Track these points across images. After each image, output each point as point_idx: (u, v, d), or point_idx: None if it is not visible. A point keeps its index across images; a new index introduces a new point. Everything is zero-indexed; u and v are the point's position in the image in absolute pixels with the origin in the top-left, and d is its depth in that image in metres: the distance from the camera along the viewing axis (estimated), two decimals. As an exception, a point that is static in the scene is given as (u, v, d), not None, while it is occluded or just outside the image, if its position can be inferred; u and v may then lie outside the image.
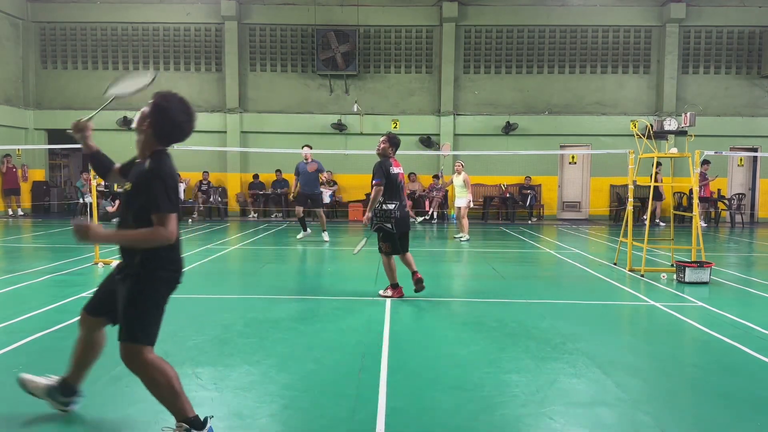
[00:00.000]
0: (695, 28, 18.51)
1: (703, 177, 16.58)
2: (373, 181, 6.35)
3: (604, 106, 18.74)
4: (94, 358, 3.38)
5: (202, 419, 3.02)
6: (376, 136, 18.43)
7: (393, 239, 6.39)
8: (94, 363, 3.41)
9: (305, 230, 12.52)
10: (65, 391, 3.36)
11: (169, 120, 2.99)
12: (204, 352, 4.55)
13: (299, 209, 12.33)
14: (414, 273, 6.51)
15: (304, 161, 12.13)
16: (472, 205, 13.26)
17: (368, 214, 6.41)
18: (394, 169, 6.38)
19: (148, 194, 2.84)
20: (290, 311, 5.97)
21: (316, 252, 11.34)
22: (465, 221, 12.67)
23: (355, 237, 13.57)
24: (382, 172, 6.30)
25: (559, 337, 5.07)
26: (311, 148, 12.50)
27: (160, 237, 2.82)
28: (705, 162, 16.25)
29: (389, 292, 6.52)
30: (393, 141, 6.60)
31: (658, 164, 10.43)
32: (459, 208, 12.94)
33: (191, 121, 3.07)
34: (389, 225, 6.30)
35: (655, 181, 8.81)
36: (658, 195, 16.16)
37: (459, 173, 12.84)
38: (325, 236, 12.28)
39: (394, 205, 6.29)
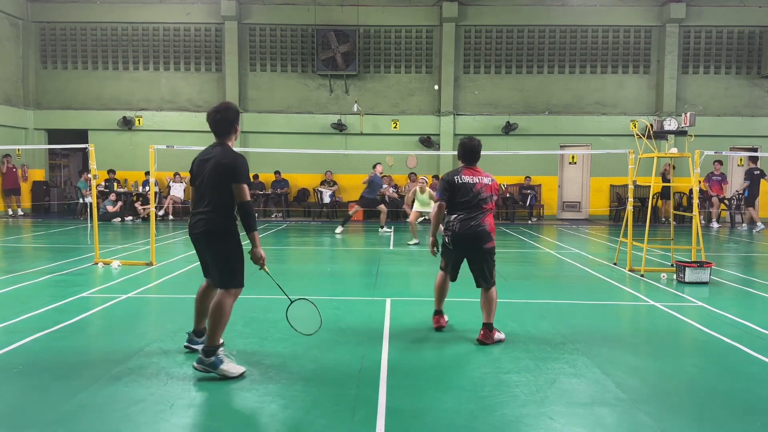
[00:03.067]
0: (695, 28, 18.51)
1: (723, 177, 16.75)
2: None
3: (604, 106, 18.74)
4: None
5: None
6: (376, 136, 18.71)
7: (447, 256, 5.27)
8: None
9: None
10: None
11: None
12: (204, 352, 4.54)
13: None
14: (483, 326, 4.93)
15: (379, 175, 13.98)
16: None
17: (430, 239, 5.38)
18: (464, 178, 5.21)
19: None
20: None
21: (316, 252, 11.34)
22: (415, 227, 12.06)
23: (357, 237, 13.57)
24: (443, 186, 5.27)
25: (559, 337, 5.07)
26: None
27: None
28: (717, 162, 16.38)
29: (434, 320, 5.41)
30: (460, 149, 5.47)
31: (670, 165, 10.49)
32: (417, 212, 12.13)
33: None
34: (446, 238, 5.20)
35: (666, 180, 8.83)
36: (668, 194, 16.11)
37: (423, 191, 11.89)
38: (387, 229, 14.03)
39: (454, 216, 5.15)
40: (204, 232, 4.05)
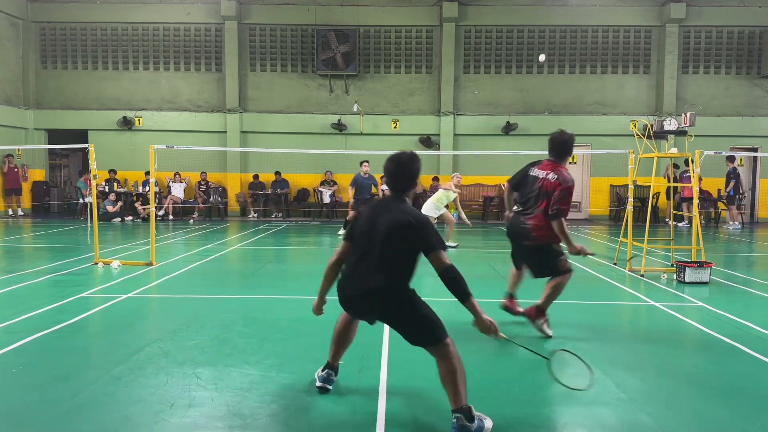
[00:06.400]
0: (695, 28, 18.51)
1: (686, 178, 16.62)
2: None
3: (604, 106, 18.74)
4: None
5: None
6: (376, 136, 18.71)
7: (512, 244, 5.41)
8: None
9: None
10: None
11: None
12: (204, 352, 4.55)
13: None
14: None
15: (363, 175, 13.50)
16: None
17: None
18: (535, 171, 5.12)
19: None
20: (290, 311, 5.97)
21: (316, 252, 11.34)
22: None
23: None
24: (519, 176, 5.27)
25: (559, 337, 5.07)
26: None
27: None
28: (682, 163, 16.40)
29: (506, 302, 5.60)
30: (550, 144, 5.17)
31: (675, 165, 10.48)
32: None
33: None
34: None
35: (671, 180, 8.84)
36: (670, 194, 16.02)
37: (458, 188, 11.65)
38: None
39: (517, 208, 5.23)
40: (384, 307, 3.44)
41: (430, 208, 11.24)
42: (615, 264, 9.17)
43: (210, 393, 3.74)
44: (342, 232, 13.30)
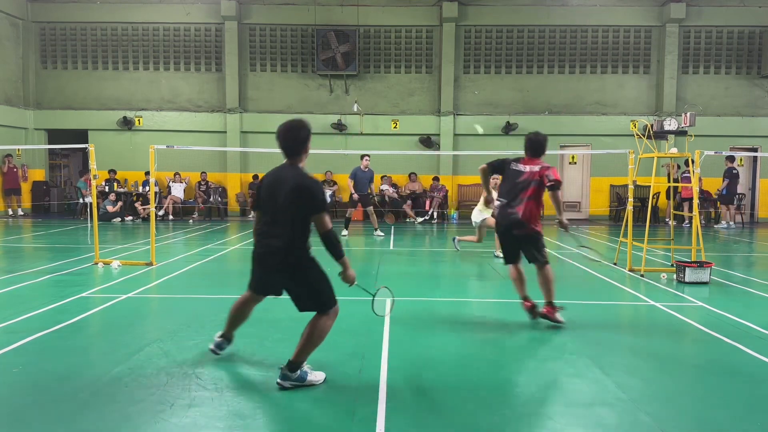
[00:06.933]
0: (695, 28, 18.51)
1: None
2: None
3: (604, 106, 18.74)
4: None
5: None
6: (376, 136, 18.70)
7: (500, 239, 5.86)
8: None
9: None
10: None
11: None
12: (204, 352, 4.55)
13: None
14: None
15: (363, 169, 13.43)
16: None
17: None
18: (518, 166, 5.62)
19: None
20: (290, 311, 5.95)
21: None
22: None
23: (357, 237, 13.56)
24: (499, 163, 5.83)
25: (559, 337, 5.08)
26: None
27: None
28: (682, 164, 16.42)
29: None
30: (528, 143, 5.70)
31: (677, 166, 10.45)
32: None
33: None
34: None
35: (671, 180, 8.85)
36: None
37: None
38: (380, 232, 13.46)
39: (500, 202, 5.68)
40: (291, 267, 3.90)
41: (475, 213, 10.31)
42: (615, 264, 9.17)
43: (210, 393, 3.74)
44: (345, 232, 13.14)
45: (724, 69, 18.61)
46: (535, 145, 5.64)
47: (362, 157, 13.80)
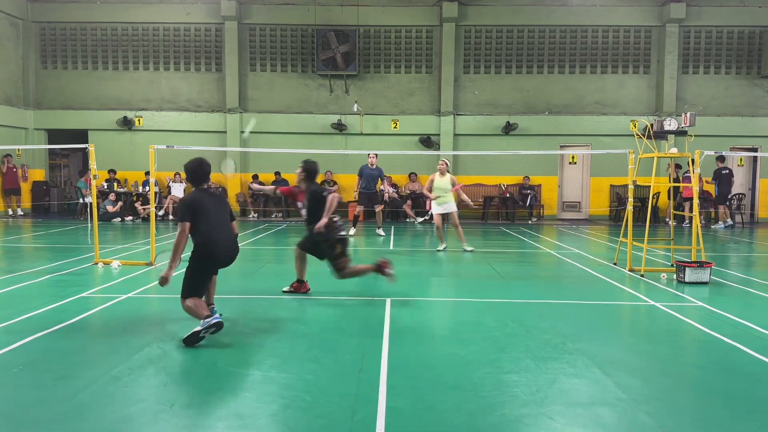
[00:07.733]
0: (695, 28, 18.52)
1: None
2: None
3: (604, 106, 18.74)
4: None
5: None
6: (376, 136, 18.71)
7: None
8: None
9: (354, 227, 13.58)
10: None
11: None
12: (204, 352, 4.55)
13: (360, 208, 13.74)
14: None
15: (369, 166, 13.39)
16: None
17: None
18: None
19: None
20: (290, 311, 5.97)
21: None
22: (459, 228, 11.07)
23: (357, 237, 13.56)
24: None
25: (559, 337, 5.07)
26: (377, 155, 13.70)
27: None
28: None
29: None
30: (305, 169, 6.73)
31: (678, 166, 10.44)
32: (447, 214, 11.01)
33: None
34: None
35: (672, 179, 8.85)
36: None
37: (443, 174, 10.81)
38: (381, 232, 13.66)
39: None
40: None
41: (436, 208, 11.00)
42: (615, 264, 9.17)
43: (210, 393, 3.74)
44: (353, 231, 13.17)
45: (724, 69, 18.61)
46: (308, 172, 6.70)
47: (369, 155, 13.85)
